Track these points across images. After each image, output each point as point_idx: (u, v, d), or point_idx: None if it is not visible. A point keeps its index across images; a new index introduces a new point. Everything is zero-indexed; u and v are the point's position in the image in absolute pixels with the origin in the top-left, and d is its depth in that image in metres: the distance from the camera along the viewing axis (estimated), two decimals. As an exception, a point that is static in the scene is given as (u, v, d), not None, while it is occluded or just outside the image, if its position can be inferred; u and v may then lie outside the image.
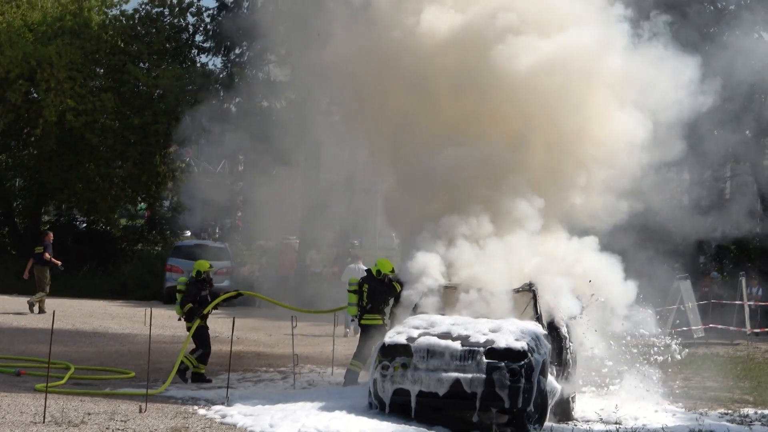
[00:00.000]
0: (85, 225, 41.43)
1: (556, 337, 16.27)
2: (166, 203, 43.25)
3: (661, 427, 15.77)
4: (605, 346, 17.40)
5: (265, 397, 16.53)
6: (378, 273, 18.00)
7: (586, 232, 18.31)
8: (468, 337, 15.03)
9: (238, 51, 38.15)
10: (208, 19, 38.98)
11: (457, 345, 14.87)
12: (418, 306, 16.57)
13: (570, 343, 16.69)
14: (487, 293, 16.33)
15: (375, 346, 15.88)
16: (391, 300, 17.71)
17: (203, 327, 18.54)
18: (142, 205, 43.12)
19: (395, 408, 14.84)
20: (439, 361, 14.81)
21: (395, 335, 15.34)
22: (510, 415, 14.69)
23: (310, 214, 31.93)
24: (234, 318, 17.51)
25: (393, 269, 17.89)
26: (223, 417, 15.08)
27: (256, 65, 36.47)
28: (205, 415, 15.25)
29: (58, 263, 28.33)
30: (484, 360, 14.68)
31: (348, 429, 14.23)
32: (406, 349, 14.97)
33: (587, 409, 16.85)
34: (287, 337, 20.42)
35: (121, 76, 37.62)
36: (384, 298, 17.83)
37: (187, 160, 40.85)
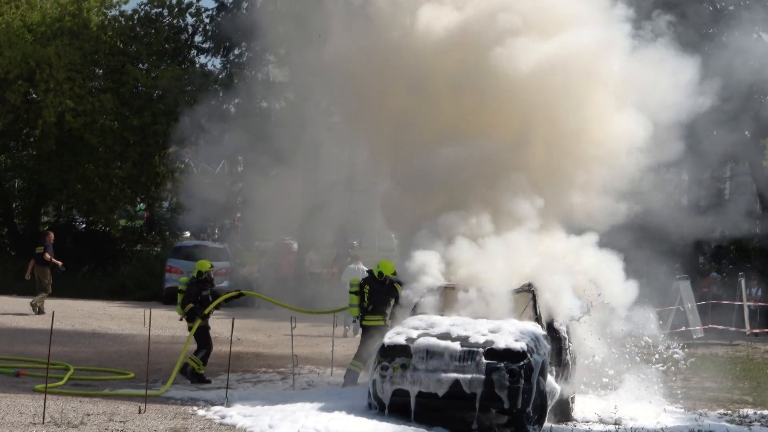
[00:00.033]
0: (84, 226, 41.41)
1: (556, 337, 16.26)
2: (166, 204, 43.21)
3: (661, 428, 15.76)
4: (605, 346, 17.38)
5: (265, 398, 16.52)
6: (380, 274, 18.00)
7: (585, 232, 18.28)
8: (467, 337, 15.01)
9: (237, 51, 38.11)
10: (207, 20, 38.97)
11: (457, 346, 14.85)
12: (417, 306, 16.55)
13: (569, 344, 16.68)
14: (487, 294, 16.32)
15: (375, 346, 15.88)
16: (392, 301, 17.70)
17: (205, 327, 18.53)
18: (141, 205, 43.10)
19: (394, 408, 14.82)
20: (439, 362, 14.78)
21: (394, 336, 15.32)
22: (509, 415, 14.68)
23: (309, 215, 31.90)
24: (233, 319, 17.50)
25: (395, 271, 17.89)
26: (223, 418, 15.08)
27: (255, 66, 36.43)
28: (204, 415, 15.25)
29: (59, 263, 28.34)
30: (484, 361, 14.66)
31: (347, 429, 14.22)
32: (405, 350, 14.95)
33: (587, 410, 16.85)
34: (286, 337, 20.41)
35: (120, 77, 37.59)
36: (385, 299, 17.82)
37: (187, 160, 40.83)
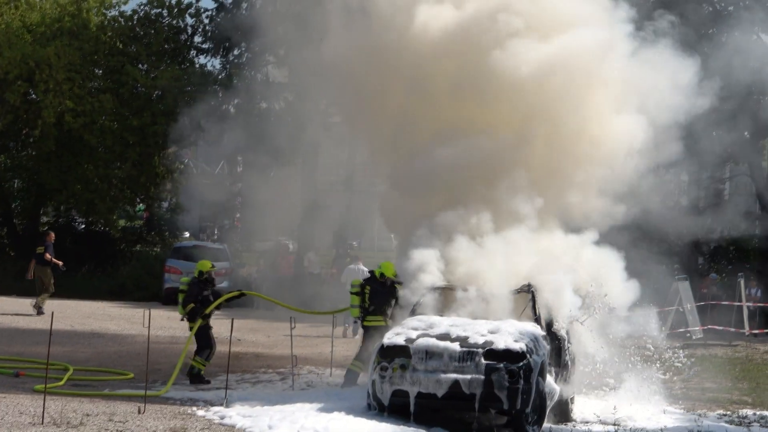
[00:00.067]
0: (83, 226, 41.37)
1: (555, 338, 16.25)
2: (165, 204, 43.21)
3: (660, 429, 15.76)
4: (605, 347, 17.37)
5: (264, 398, 16.52)
6: (381, 276, 18.02)
7: (584, 231, 18.26)
8: (467, 338, 15.00)
9: (236, 52, 38.12)
10: (206, 20, 38.97)
11: (456, 346, 14.84)
12: (416, 307, 16.55)
13: (569, 345, 16.68)
14: (486, 294, 16.32)
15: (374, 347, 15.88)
16: (393, 302, 17.70)
17: (207, 327, 18.53)
18: (141, 206, 43.10)
19: (394, 409, 14.81)
20: (438, 363, 14.78)
21: (394, 336, 15.31)
22: (509, 416, 14.68)
23: (307, 215, 31.93)
24: (233, 319, 17.50)
25: (396, 274, 17.89)
26: (222, 418, 15.08)
27: (254, 66, 36.46)
28: (203, 416, 15.24)
29: (60, 263, 28.34)
30: (483, 361, 14.65)
31: (346, 430, 14.21)
32: (404, 351, 14.94)
33: (586, 410, 16.85)
34: (286, 338, 20.41)
35: (119, 77, 37.55)
36: (386, 299, 17.81)
37: (186, 161, 40.82)
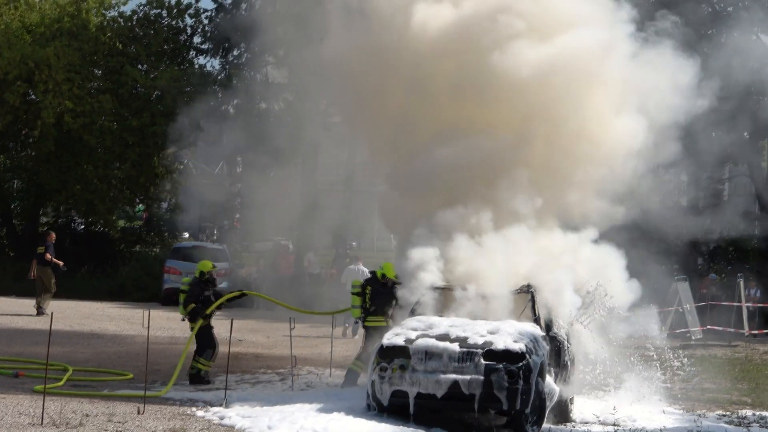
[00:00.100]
0: (83, 227, 41.39)
1: (555, 338, 16.24)
2: (164, 205, 43.21)
3: (659, 429, 15.76)
4: (605, 347, 17.36)
5: (263, 399, 16.51)
6: (383, 276, 18.03)
7: (584, 229, 18.25)
8: (466, 338, 15.00)
9: (236, 52, 38.15)
10: (206, 21, 39.00)
11: (455, 347, 14.83)
12: (416, 307, 16.55)
13: (569, 345, 16.67)
14: (486, 294, 16.31)
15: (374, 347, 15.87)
16: (393, 302, 17.70)
17: (208, 327, 18.53)
18: (140, 206, 43.10)
19: (393, 409, 14.80)
20: (437, 363, 14.77)
21: (393, 337, 15.30)
22: (508, 416, 14.67)
23: (306, 216, 31.91)
24: (232, 319, 17.49)
25: (396, 275, 17.89)
26: (222, 418, 15.07)
27: (254, 66, 36.47)
28: (203, 416, 15.23)
29: (60, 263, 28.34)
30: (482, 362, 14.64)
31: (346, 430, 14.20)
32: (404, 351, 14.94)
33: (585, 411, 16.84)
34: (285, 338, 20.40)
35: (119, 78, 37.57)
36: (387, 300, 17.80)
37: (186, 161, 40.81)
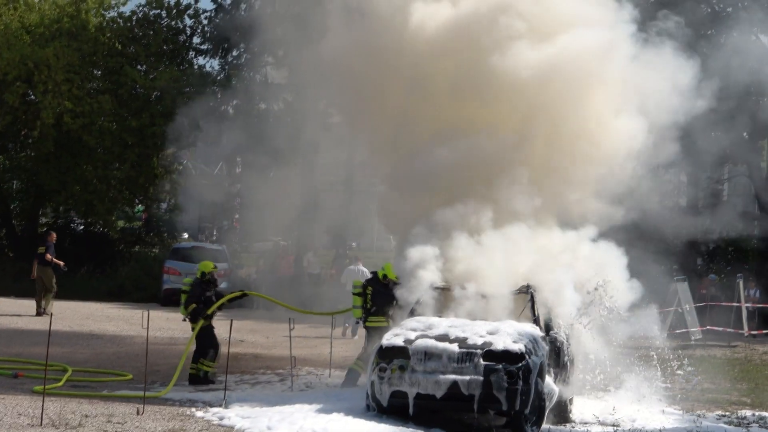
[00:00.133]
0: (82, 227, 41.40)
1: (555, 339, 16.24)
2: (164, 205, 43.22)
3: (659, 429, 15.76)
4: (605, 347, 17.36)
5: (263, 399, 16.51)
6: (384, 277, 18.03)
7: (583, 227, 18.23)
8: (465, 339, 14.99)
9: (235, 53, 38.15)
10: (205, 21, 39.00)
11: (455, 347, 14.83)
12: (415, 308, 16.54)
13: (568, 345, 16.67)
14: (485, 295, 16.30)
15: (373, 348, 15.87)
16: (394, 303, 17.68)
17: (209, 327, 18.52)
18: (140, 207, 43.09)
19: (393, 410, 14.80)
20: (437, 363, 14.76)
21: (392, 337, 15.29)
22: (507, 417, 14.66)
23: (306, 216, 31.91)
24: (231, 320, 17.49)
25: (397, 276, 17.88)
26: (221, 419, 15.07)
27: (253, 67, 36.46)
28: (202, 417, 15.23)
29: (61, 263, 28.34)
30: (482, 362, 14.63)
31: (345, 431, 14.21)
32: (403, 352, 14.93)
33: (585, 411, 16.83)
34: (285, 339, 20.40)
35: (118, 78, 37.57)
36: (388, 300, 17.79)
37: (185, 162, 40.81)
